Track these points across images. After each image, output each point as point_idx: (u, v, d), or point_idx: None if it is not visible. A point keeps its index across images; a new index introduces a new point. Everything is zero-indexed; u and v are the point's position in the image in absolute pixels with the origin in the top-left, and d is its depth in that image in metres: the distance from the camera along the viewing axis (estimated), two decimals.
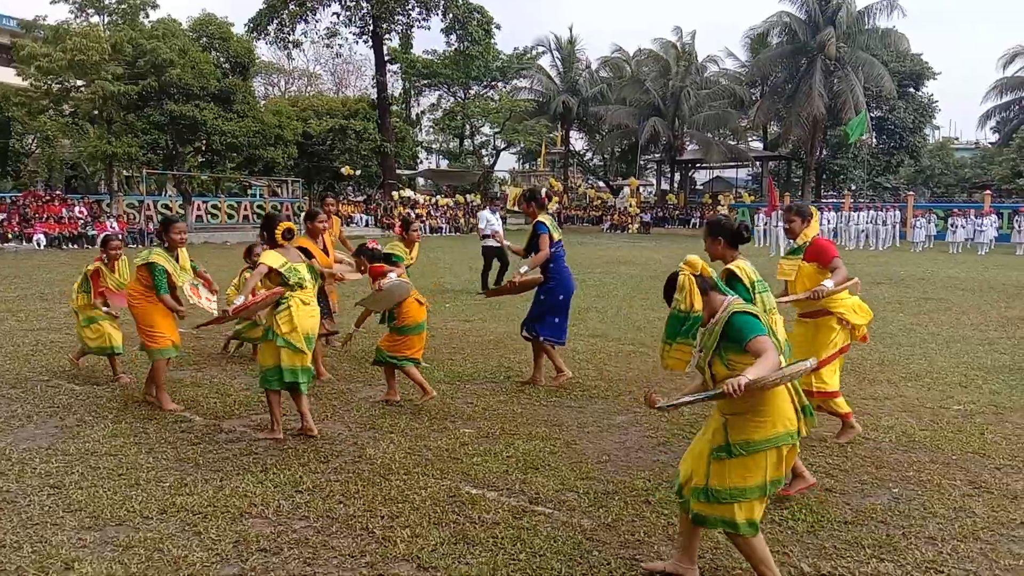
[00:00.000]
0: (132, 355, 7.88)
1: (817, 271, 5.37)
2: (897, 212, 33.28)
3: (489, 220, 14.52)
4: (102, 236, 7.97)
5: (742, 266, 4.40)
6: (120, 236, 8.24)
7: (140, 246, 28.18)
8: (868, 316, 5.50)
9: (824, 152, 49.13)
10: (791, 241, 5.68)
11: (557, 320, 7.12)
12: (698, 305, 3.44)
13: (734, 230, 4.45)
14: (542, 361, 7.28)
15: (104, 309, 7.36)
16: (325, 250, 7.08)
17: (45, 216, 28.25)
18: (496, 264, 14.18)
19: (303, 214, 7.43)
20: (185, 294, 6.57)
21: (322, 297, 7.28)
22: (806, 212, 5.57)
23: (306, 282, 5.59)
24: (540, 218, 7.06)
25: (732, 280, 4.40)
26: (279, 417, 5.64)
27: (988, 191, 38.94)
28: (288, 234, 5.67)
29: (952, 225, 30.40)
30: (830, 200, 42.96)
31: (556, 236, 7.05)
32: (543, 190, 7.55)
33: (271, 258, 5.53)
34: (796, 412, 3.37)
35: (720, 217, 4.60)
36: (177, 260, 6.40)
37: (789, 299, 5.39)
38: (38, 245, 26.49)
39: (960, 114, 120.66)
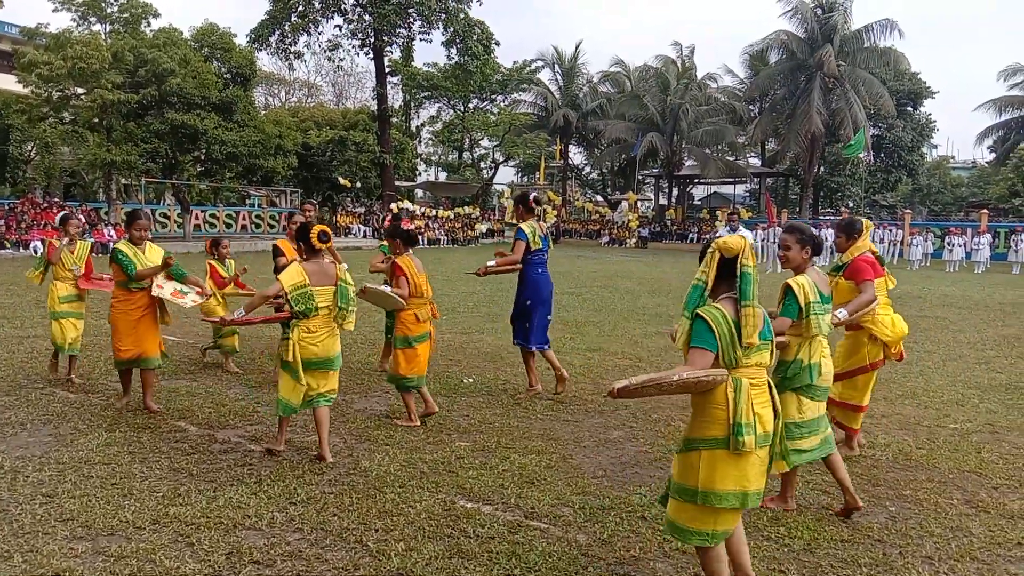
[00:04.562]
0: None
1: (853, 289, 5.35)
2: (896, 230, 33.40)
3: None
4: (60, 215, 8.09)
5: (801, 283, 4.36)
6: (80, 218, 8.42)
7: None
8: (900, 333, 5.44)
9: (822, 169, 49.30)
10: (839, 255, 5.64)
11: (528, 325, 7.17)
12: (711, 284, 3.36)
13: (817, 241, 4.44)
14: (534, 368, 7.37)
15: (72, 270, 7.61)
16: None
17: (43, 223, 28.23)
18: None
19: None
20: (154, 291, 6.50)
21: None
22: (850, 228, 5.51)
23: (319, 310, 5.33)
24: (523, 225, 7.17)
25: (787, 295, 4.39)
26: (284, 429, 5.58)
27: (985, 210, 39.10)
28: (324, 236, 5.43)
29: (949, 243, 30.51)
30: (827, 218, 43.08)
31: (535, 246, 7.14)
32: (533, 195, 7.47)
33: (290, 276, 5.29)
34: (728, 424, 3.22)
35: (806, 224, 4.56)
36: (144, 253, 6.57)
37: None
38: (35, 252, 26.44)
39: (957, 133, 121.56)
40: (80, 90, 30.83)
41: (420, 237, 7.44)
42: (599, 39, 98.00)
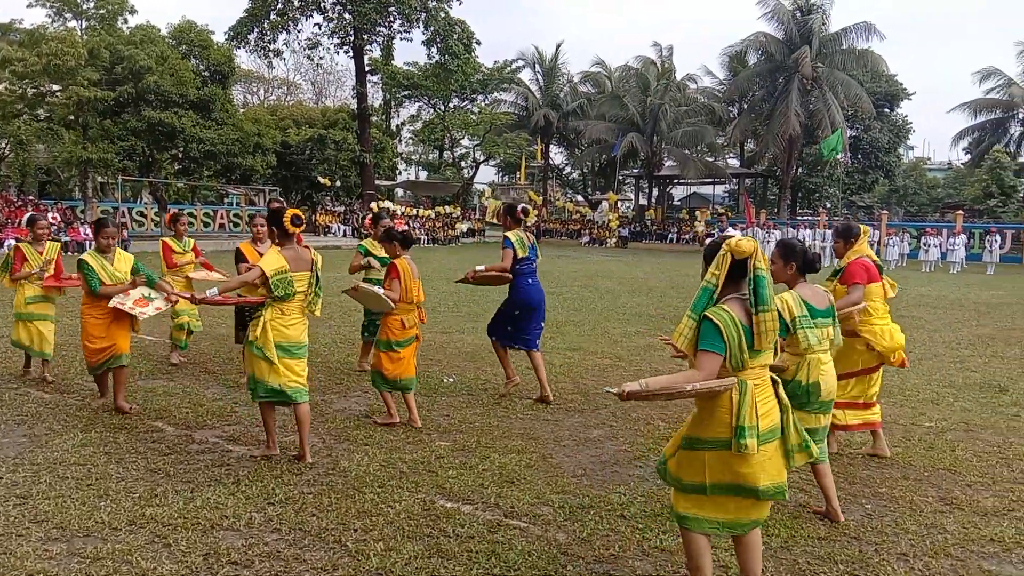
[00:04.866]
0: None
1: (848, 293, 5.39)
2: (873, 231, 33.74)
3: None
4: (27, 216, 7.99)
5: (785, 298, 4.35)
6: (56, 216, 8.39)
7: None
8: (897, 344, 5.47)
9: (800, 170, 49.67)
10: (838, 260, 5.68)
11: (510, 328, 7.23)
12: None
13: (808, 258, 4.40)
14: (507, 360, 7.39)
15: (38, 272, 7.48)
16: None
17: (16, 222, 27.82)
18: None
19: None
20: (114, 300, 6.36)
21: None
22: (847, 233, 5.56)
23: (295, 295, 5.29)
24: (508, 233, 7.21)
25: None
26: (272, 431, 5.47)
27: (960, 211, 39.59)
28: (296, 220, 5.33)
29: (925, 244, 30.86)
30: (805, 218, 43.40)
31: (521, 254, 7.15)
32: (520, 206, 7.59)
33: (271, 262, 5.19)
34: (731, 428, 3.24)
35: (796, 241, 4.50)
36: (112, 263, 6.51)
37: None
38: (7, 249, 26.08)
39: (934, 135, 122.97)
40: (55, 87, 30.48)
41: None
42: (587, 38, 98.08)
